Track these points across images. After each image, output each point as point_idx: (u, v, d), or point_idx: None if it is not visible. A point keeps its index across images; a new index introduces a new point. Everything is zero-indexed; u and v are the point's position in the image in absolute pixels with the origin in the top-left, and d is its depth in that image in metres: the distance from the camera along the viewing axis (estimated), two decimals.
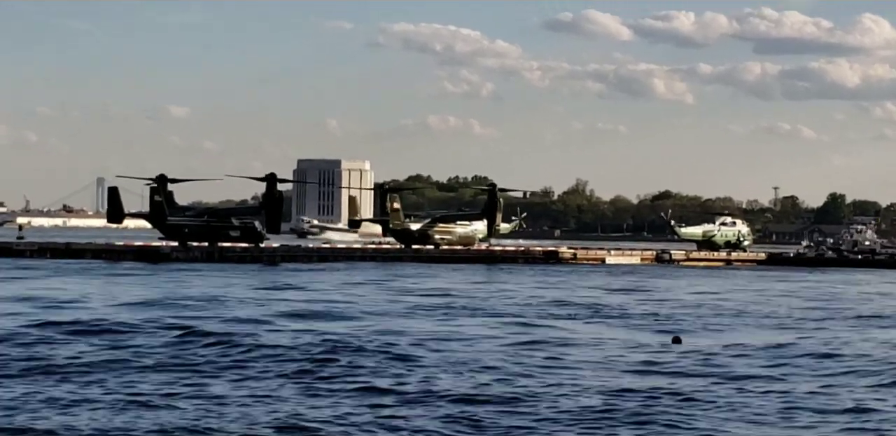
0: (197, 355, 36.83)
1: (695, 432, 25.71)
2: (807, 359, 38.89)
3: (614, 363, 37.14)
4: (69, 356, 36.02)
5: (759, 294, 79.49)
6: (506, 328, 48.43)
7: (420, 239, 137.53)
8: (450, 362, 36.21)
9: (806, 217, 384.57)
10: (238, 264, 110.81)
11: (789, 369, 36.41)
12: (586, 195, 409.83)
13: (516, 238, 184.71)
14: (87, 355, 36.65)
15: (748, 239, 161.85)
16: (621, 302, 67.13)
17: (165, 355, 36.95)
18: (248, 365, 34.84)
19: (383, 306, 59.74)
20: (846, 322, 56.06)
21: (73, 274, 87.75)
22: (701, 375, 34.67)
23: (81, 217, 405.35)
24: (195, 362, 35.28)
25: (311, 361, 35.54)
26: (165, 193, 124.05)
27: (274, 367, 34.35)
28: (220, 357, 36.51)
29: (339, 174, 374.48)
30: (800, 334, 48.77)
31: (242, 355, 36.89)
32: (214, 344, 39.28)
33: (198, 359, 36.05)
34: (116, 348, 38.37)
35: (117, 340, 40.81)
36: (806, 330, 50.95)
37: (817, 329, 51.58)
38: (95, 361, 35.20)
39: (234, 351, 37.81)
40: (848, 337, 47.07)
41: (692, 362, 37.54)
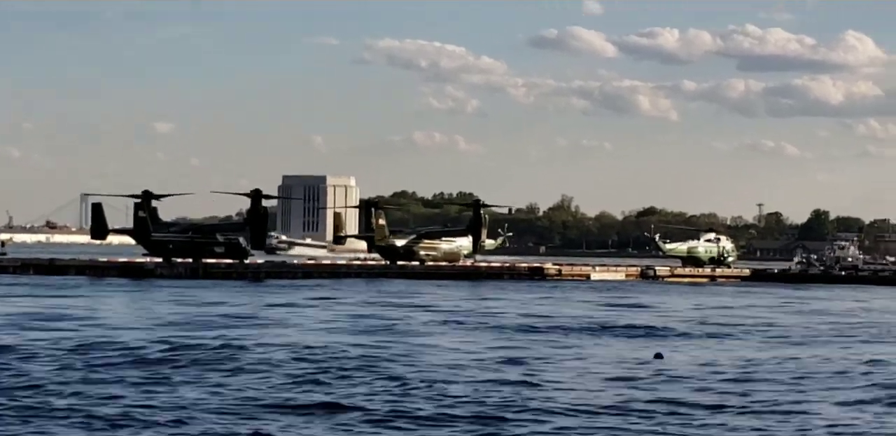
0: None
1: None
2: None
3: (591, 379, 37.18)
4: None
5: (747, 309, 79.73)
6: (488, 344, 48.43)
7: (405, 255, 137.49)
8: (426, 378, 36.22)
9: (790, 233, 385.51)
10: (223, 281, 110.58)
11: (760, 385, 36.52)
12: (571, 211, 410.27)
13: (501, 254, 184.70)
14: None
15: (732, 255, 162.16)
16: (605, 317, 67.16)
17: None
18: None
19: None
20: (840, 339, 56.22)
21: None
22: (677, 390, 34.78)
23: (65, 233, 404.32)
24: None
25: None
26: (150, 209, 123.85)
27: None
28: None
29: (325, 190, 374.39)
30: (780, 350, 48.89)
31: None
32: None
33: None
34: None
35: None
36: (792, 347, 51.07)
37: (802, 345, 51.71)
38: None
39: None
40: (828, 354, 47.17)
41: (669, 378, 37.64)
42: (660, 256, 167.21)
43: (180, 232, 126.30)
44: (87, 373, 36.30)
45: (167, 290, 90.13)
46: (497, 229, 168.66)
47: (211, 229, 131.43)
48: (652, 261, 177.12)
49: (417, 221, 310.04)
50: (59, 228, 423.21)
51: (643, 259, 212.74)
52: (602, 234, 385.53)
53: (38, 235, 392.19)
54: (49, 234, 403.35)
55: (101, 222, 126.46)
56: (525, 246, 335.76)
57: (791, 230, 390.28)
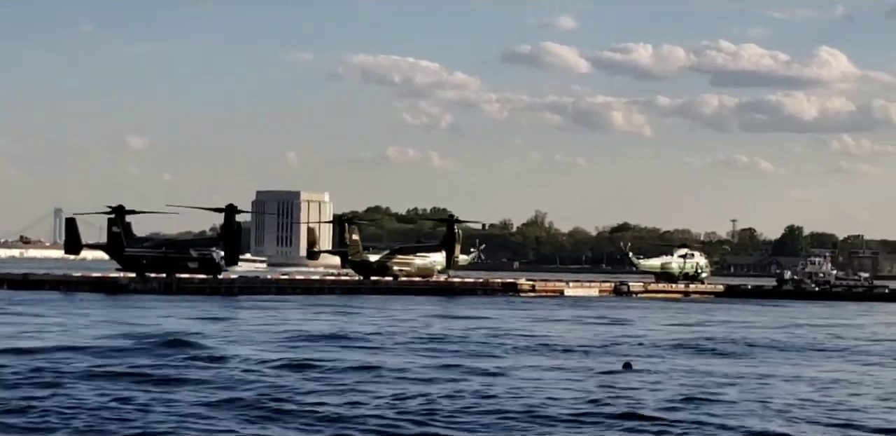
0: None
1: None
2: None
3: (561, 390, 37.36)
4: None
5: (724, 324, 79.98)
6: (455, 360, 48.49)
7: (379, 270, 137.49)
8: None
9: (764, 249, 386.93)
10: (203, 296, 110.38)
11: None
12: (545, 227, 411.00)
13: (475, 270, 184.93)
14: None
15: (706, 271, 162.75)
16: (572, 331, 67.27)
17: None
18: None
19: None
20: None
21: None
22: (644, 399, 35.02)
23: (39, 248, 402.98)
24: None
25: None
26: (123, 224, 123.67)
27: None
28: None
29: (298, 205, 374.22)
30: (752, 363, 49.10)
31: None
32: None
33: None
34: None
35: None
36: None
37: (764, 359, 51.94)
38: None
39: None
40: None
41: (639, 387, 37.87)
42: (634, 272, 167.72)
43: (154, 247, 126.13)
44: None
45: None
46: (471, 245, 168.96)
47: (185, 244, 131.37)
48: (626, 277, 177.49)
49: (391, 236, 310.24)
50: (32, 243, 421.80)
51: (617, 275, 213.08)
52: (576, 249, 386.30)
53: (12, 250, 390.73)
54: (23, 248, 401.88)
55: (74, 237, 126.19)
56: (499, 262, 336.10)
57: (765, 246, 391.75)
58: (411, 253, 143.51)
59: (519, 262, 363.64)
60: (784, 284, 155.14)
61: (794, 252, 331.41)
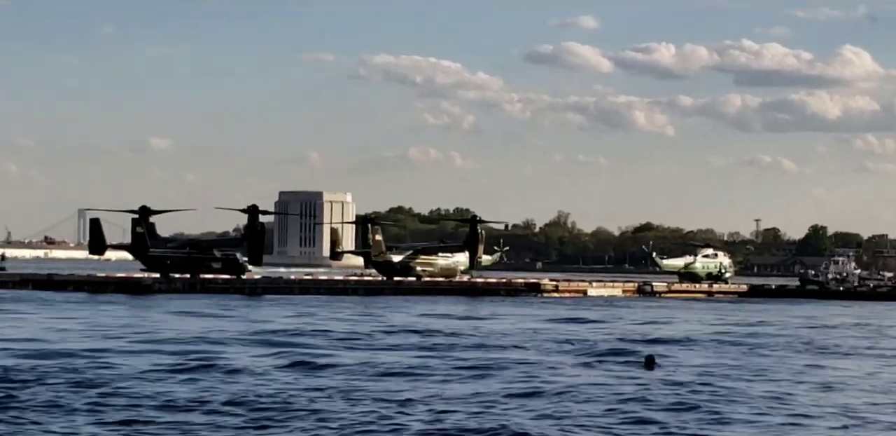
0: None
1: None
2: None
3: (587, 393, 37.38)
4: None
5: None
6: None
7: (402, 271, 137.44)
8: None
9: (788, 249, 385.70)
10: (226, 295, 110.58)
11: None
12: (568, 227, 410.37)
13: (498, 270, 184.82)
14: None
15: (730, 271, 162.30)
16: (596, 332, 67.26)
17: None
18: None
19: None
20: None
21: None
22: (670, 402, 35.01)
23: (63, 249, 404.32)
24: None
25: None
26: (147, 224, 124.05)
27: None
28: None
29: (321, 206, 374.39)
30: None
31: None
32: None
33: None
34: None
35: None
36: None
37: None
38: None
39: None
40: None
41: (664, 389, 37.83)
42: (657, 272, 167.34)
43: (178, 247, 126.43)
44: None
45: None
46: (493, 245, 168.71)
47: (208, 245, 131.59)
48: (649, 277, 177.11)
49: (414, 236, 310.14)
50: (57, 244, 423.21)
51: (640, 275, 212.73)
52: (599, 250, 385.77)
53: (37, 251, 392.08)
54: (47, 249, 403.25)
55: (99, 238, 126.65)
56: (522, 262, 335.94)
57: (789, 246, 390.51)
58: (434, 253, 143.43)
59: (542, 262, 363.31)
60: (808, 284, 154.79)
61: (818, 252, 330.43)
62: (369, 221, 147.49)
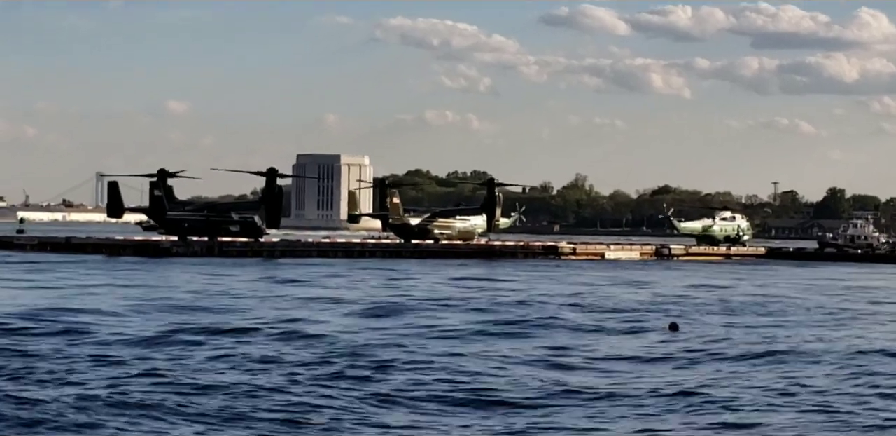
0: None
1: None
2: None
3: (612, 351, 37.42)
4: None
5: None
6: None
7: (419, 234, 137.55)
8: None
9: (805, 212, 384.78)
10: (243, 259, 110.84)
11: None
12: (585, 190, 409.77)
13: (515, 233, 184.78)
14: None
15: (747, 234, 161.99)
16: (620, 294, 67.23)
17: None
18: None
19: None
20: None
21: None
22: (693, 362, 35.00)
23: (81, 212, 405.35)
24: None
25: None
26: (165, 187, 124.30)
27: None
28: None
29: (339, 169, 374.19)
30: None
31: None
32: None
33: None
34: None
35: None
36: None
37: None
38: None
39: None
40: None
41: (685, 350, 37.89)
42: (674, 235, 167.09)
43: (196, 211, 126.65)
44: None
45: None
46: (511, 208, 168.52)
47: (226, 208, 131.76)
48: (666, 240, 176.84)
49: (431, 199, 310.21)
50: (75, 207, 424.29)
51: (657, 238, 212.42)
52: (616, 212, 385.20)
53: (55, 214, 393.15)
54: (65, 212, 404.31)
55: (117, 201, 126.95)
56: (539, 225, 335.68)
57: (806, 209, 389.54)
58: (452, 216, 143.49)
59: (559, 225, 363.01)
60: (826, 247, 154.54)
61: (836, 215, 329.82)
62: (387, 184, 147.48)
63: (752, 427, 25.19)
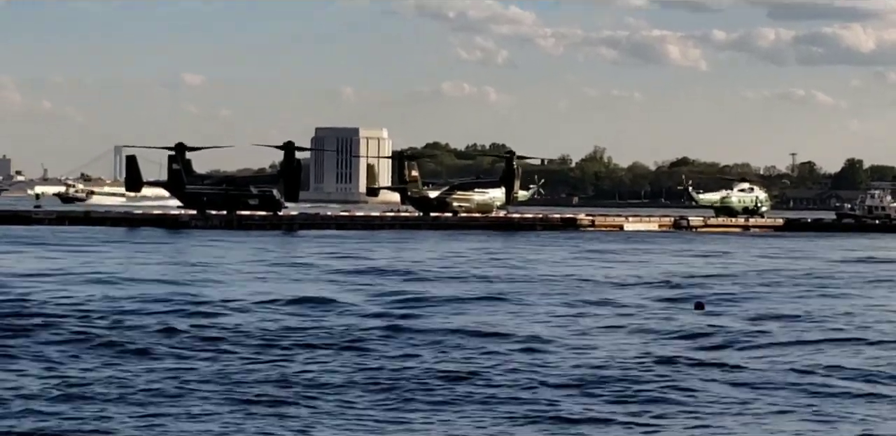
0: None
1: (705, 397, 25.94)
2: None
3: (636, 329, 37.49)
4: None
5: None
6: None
7: (438, 207, 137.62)
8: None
9: (823, 183, 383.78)
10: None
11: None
12: (604, 162, 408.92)
13: (534, 205, 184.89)
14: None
15: (766, 205, 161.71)
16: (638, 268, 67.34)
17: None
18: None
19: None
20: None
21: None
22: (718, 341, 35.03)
23: (100, 185, 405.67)
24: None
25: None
26: (184, 161, 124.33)
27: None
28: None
29: (357, 142, 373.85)
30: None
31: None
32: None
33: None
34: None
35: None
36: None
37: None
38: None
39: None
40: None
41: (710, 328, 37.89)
42: (693, 207, 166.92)
43: (214, 184, 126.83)
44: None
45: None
46: (529, 181, 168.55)
47: (244, 182, 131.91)
48: (685, 211, 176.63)
49: (450, 172, 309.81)
50: (93, 181, 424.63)
51: (676, 209, 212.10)
52: (635, 184, 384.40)
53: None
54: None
55: (135, 175, 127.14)
56: (557, 197, 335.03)
57: (825, 180, 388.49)
58: (470, 189, 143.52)
59: (578, 197, 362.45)
60: (844, 218, 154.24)
61: (854, 185, 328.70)
62: (406, 156, 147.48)
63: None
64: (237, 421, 22.11)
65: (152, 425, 21.69)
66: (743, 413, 23.55)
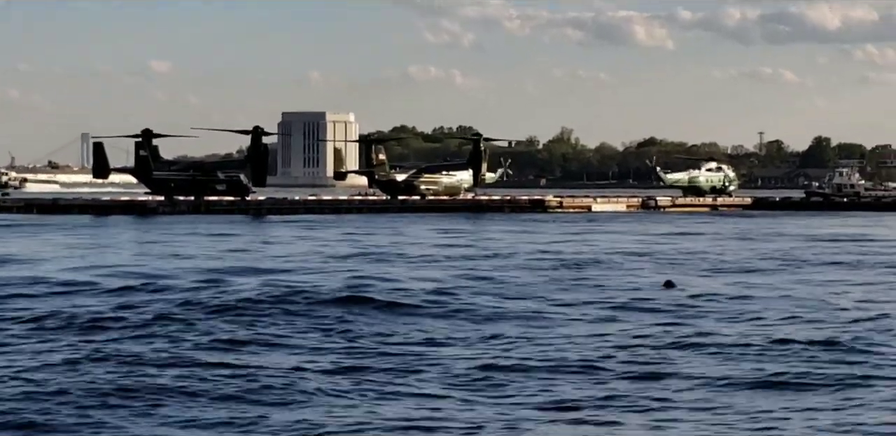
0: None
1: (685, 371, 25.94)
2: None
3: (604, 306, 37.47)
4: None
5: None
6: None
7: (406, 190, 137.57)
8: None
9: (791, 161, 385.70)
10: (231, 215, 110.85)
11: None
12: (571, 144, 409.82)
13: (502, 187, 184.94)
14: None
15: (734, 184, 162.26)
16: (610, 247, 67.38)
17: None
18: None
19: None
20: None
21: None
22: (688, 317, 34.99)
23: (67, 173, 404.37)
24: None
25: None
26: (151, 147, 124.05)
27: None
28: None
29: (324, 126, 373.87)
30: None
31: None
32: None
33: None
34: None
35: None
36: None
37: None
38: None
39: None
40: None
41: (678, 305, 37.86)
42: (661, 187, 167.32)
43: (182, 170, 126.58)
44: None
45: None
46: (497, 163, 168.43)
47: (212, 167, 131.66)
48: (653, 192, 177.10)
49: (417, 155, 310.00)
50: (61, 168, 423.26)
51: (644, 190, 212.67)
52: (603, 165, 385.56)
53: (41, 175, 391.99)
54: (51, 174, 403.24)
55: (102, 162, 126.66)
56: (526, 179, 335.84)
57: (792, 158, 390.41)
58: (438, 172, 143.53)
59: (546, 178, 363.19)
60: (813, 196, 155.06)
61: (821, 163, 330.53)
62: (373, 140, 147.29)
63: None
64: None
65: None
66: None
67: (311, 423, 20.60)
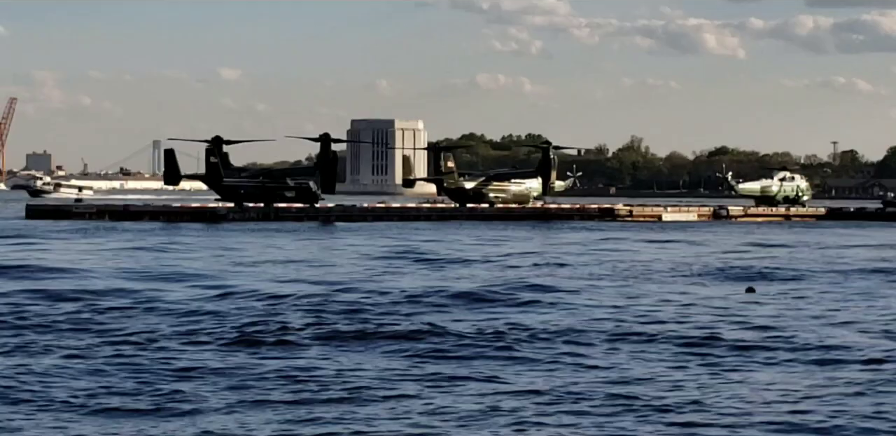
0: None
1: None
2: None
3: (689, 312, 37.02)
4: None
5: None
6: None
7: (474, 198, 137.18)
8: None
9: (866, 171, 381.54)
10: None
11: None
12: (641, 152, 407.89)
13: (571, 196, 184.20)
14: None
15: (807, 194, 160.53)
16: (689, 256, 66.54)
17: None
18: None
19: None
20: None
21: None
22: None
23: (138, 180, 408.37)
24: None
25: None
26: (221, 154, 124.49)
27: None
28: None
29: (393, 134, 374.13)
30: None
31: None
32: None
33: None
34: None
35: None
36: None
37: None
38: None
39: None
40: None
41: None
42: (732, 196, 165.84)
43: (251, 177, 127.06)
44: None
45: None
46: (566, 171, 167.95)
47: (281, 174, 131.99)
48: (724, 201, 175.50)
49: (486, 163, 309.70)
50: (132, 175, 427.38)
51: (715, 199, 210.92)
52: (673, 174, 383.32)
53: (113, 182, 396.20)
54: (123, 180, 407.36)
55: (173, 168, 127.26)
56: (595, 187, 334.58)
57: (867, 168, 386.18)
58: (506, 179, 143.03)
59: (615, 187, 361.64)
60: (889, 206, 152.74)
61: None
62: (441, 148, 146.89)
63: None
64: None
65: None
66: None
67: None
